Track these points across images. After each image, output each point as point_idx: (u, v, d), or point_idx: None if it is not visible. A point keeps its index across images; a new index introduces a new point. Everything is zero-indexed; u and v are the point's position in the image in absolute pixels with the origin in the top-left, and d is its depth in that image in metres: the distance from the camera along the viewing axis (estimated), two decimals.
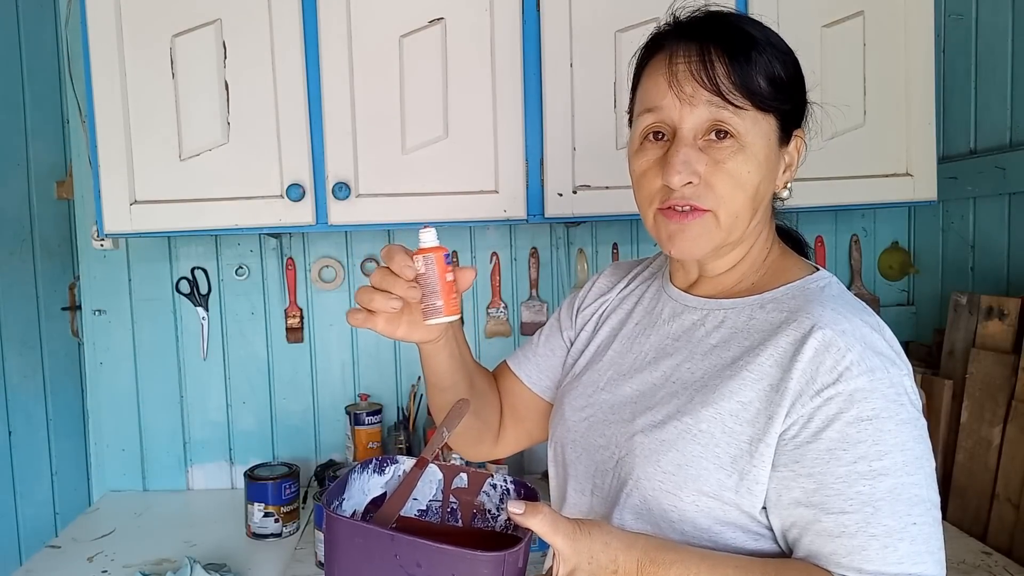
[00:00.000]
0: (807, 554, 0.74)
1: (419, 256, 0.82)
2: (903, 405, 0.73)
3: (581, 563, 0.68)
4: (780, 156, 0.84)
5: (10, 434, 1.71)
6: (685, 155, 0.78)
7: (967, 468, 1.57)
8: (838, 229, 2.00)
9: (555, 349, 1.05)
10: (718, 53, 0.78)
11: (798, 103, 0.84)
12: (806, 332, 0.75)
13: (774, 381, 0.76)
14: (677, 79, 0.79)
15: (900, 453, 0.72)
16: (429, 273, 0.81)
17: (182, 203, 1.53)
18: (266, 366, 1.94)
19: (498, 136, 1.55)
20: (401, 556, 0.66)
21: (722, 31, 0.80)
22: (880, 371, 0.73)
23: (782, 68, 0.81)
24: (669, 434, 0.79)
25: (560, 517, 0.69)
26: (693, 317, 0.88)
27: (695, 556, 0.72)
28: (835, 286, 0.84)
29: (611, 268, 1.06)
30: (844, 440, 0.72)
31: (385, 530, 0.69)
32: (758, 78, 0.78)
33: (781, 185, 0.85)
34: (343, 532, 0.70)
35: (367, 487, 0.83)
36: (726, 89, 0.77)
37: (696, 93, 0.78)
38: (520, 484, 0.83)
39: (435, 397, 0.99)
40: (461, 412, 0.86)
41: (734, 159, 0.78)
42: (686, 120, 0.79)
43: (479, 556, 0.65)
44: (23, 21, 1.77)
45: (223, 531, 1.65)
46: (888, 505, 0.71)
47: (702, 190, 0.79)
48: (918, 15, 1.61)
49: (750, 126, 0.79)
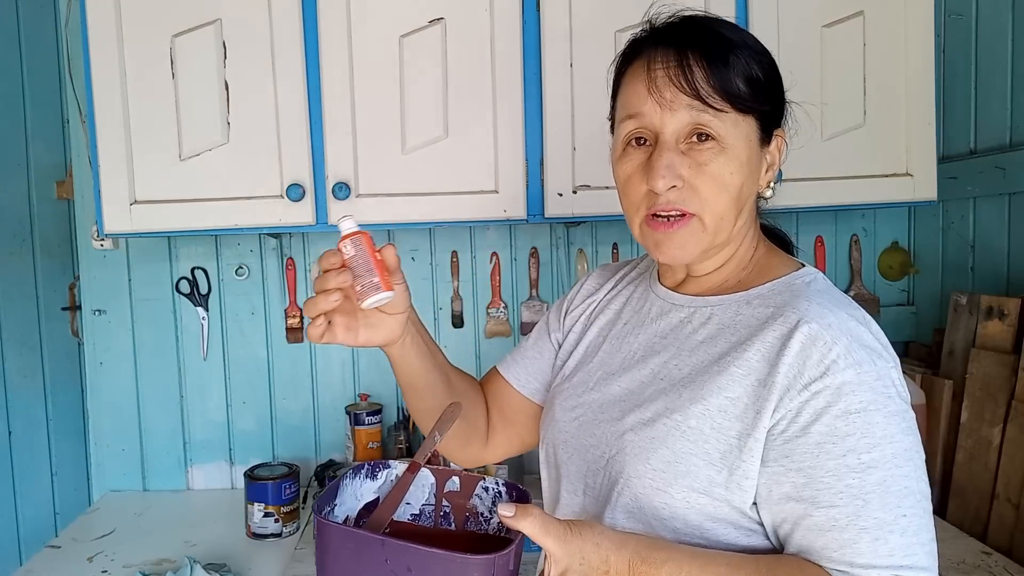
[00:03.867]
0: (798, 549, 0.74)
1: (344, 241, 0.81)
2: (891, 397, 0.73)
3: (572, 564, 0.68)
4: (762, 156, 0.84)
5: (10, 434, 1.71)
6: (668, 159, 0.79)
7: (967, 468, 1.57)
8: (838, 229, 2.00)
9: (543, 352, 1.05)
10: (696, 57, 0.79)
11: (777, 103, 0.85)
12: (792, 326, 0.76)
13: (762, 376, 0.76)
14: (656, 85, 0.80)
15: (889, 445, 0.72)
16: (358, 254, 0.81)
17: (182, 203, 1.53)
18: (266, 366, 1.94)
19: (498, 136, 1.55)
20: (392, 561, 0.66)
21: (699, 36, 0.81)
22: (867, 364, 0.73)
23: (759, 69, 0.82)
24: (658, 431, 0.80)
25: (550, 519, 0.69)
26: (680, 315, 0.88)
27: (686, 554, 0.72)
28: (821, 281, 0.84)
29: (598, 270, 1.07)
30: (833, 434, 0.72)
31: (375, 535, 0.69)
32: (736, 80, 0.79)
33: (764, 185, 0.86)
34: (334, 538, 0.70)
35: (360, 492, 0.82)
36: (705, 93, 0.78)
37: (676, 98, 0.79)
38: (512, 487, 0.83)
39: (414, 402, 0.99)
40: (453, 416, 0.86)
41: (716, 161, 0.79)
42: (667, 125, 0.80)
43: (469, 559, 0.65)
44: (23, 21, 1.77)
45: (223, 531, 1.65)
46: (878, 498, 0.71)
47: (687, 193, 0.80)
48: (918, 15, 1.61)
49: (730, 128, 0.80)
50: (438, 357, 0.98)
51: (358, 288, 0.81)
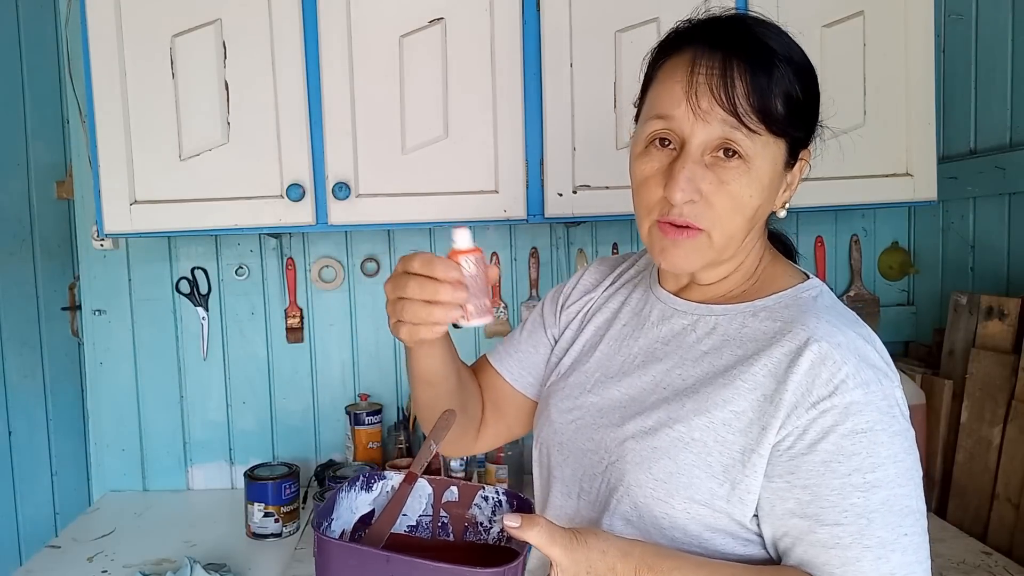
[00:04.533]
0: (799, 563, 0.74)
1: (466, 256, 0.78)
2: (895, 417, 0.74)
3: (579, 573, 0.68)
4: (783, 177, 0.83)
5: (10, 434, 1.71)
6: (691, 171, 0.77)
7: (967, 468, 1.57)
8: (838, 229, 2.00)
9: (538, 346, 1.03)
10: (740, 70, 0.75)
11: (810, 126, 0.82)
12: (801, 344, 0.75)
13: (768, 392, 0.75)
14: (696, 92, 0.76)
15: (893, 465, 0.72)
16: (478, 274, 0.77)
17: (182, 203, 1.53)
18: (266, 366, 1.94)
19: (498, 136, 1.55)
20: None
21: (745, 43, 0.77)
22: (874, 384, 0.74)
23: (801, 89, 0.78)
24: (661, 441, 0.79)
25: (556, 528, 0.69)
26: (683, 321, 0.87)
27: (692, 563, 0.72)
28: (827, 296, 0.84)
29: (595, 265, 1.04)
30: (839, 452, 0.72)
31: (379, 551, 0.67)
32: (776, 101, 0.76)
33: (779, 205, 0.84)
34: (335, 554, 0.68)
35: (355, 505, 0.80)
36: (743, 111, 0.75)
37: (712, 110, 0.76)
38: (513, 495, 0.82)
39: (422, 393, 0.95)
40: (448, 424, 0.84)
41: (738, 181, 0.77)
42: (697, 135, 0.77)
43: (478, 573, 0.64)
44: (23, 21, 1.77)
45: (223, 531, 1.65)
46: (881, 517, 0.71)
47: (701, 208, 0.78)
48: (918, 15, 1.61)
49: (760, 149, 0.77)
50: (457, 359, 0.96)
51: (470, 307, 0.77)
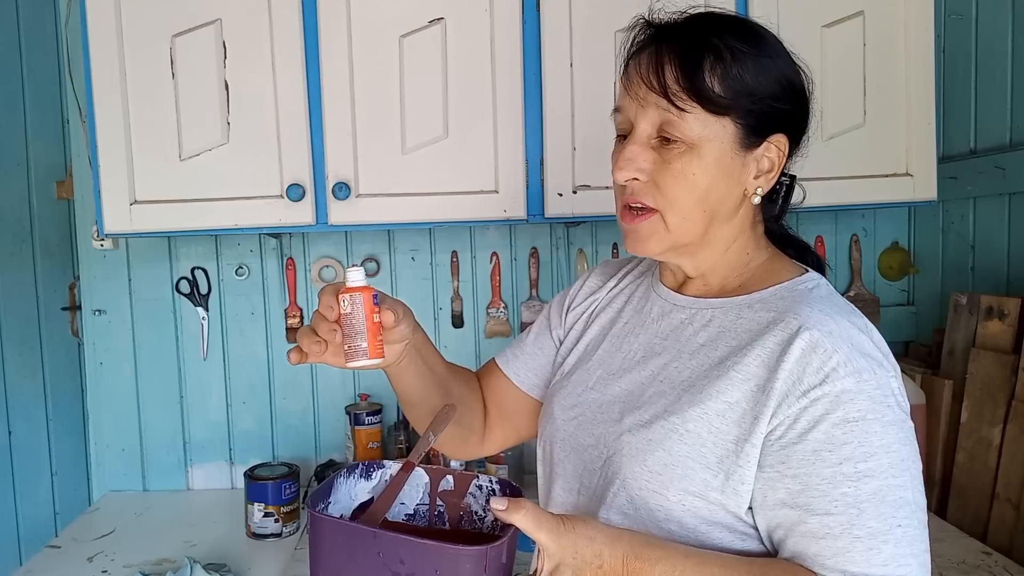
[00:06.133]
0: (792, 554, 0.74)
1: (345, 295, 0.79)
2: (890, 407, 0.73)
3: (565, 558, 0.68)
4: (744, 160, 0.82)
5: (10, 434, 1.71)
6: (630, 152, 0.82)
7: (967, 468, 1.57)
8: (838, 229, 2.00)
9: (544, 348, 1.05)
10: (671, 55, 0.79)
11: (774, 108, 0.81)
12: (793, 333, 0.75)
13: (761, 381, 0.76)
14: (632, 81, 0.82)
15: (886, 455, 0.72)
16: (355, 313, 0.78)
17: (182, 203, 1.53)
18: (266, 366, 1.94)
19: (498, 136, 1.55)
20: (384, 554, 0.66)
21: (680, 32, 0.81)
22: (867, 372, 0.73)
23: (753, 72, 0.79)
24: (656, 433, 0.80)
25: (543, 512, 0.69)
26: (681, 316, 0.88)
27: (680, 553, 0.73)
28: (824, 287, 0.84)
29: (600, 267, 1.06)
30: (830, 441, 0.72)
31: (368, 528, 0.69)
32: (711, 80, 0.78)
33: (752, 191, 0.83)
34: (326, 531, 0.70)
35: (354, 492, 0.82)
36: (673, 91, 0.78)
37: (648, 96, 0.80)
38: (506, 484, 0.83)
39: (408, 410, 0.99)
40: (447, 417, 0.86)
41: (680, 159, 0.80)
42: (640, 122, 0.82)
43: (461, 551, 0.65)
44: (23, 21, 1.77)
45: (223, 531, 1.65)
46: (873, 507, 0.71)
47: (650, 188, 0.82)
48: (918, 15, 1.61)
49: (698, 129, 0.79)
50: (438, 371, 0.96)
51: (346, 347, 0.79)
